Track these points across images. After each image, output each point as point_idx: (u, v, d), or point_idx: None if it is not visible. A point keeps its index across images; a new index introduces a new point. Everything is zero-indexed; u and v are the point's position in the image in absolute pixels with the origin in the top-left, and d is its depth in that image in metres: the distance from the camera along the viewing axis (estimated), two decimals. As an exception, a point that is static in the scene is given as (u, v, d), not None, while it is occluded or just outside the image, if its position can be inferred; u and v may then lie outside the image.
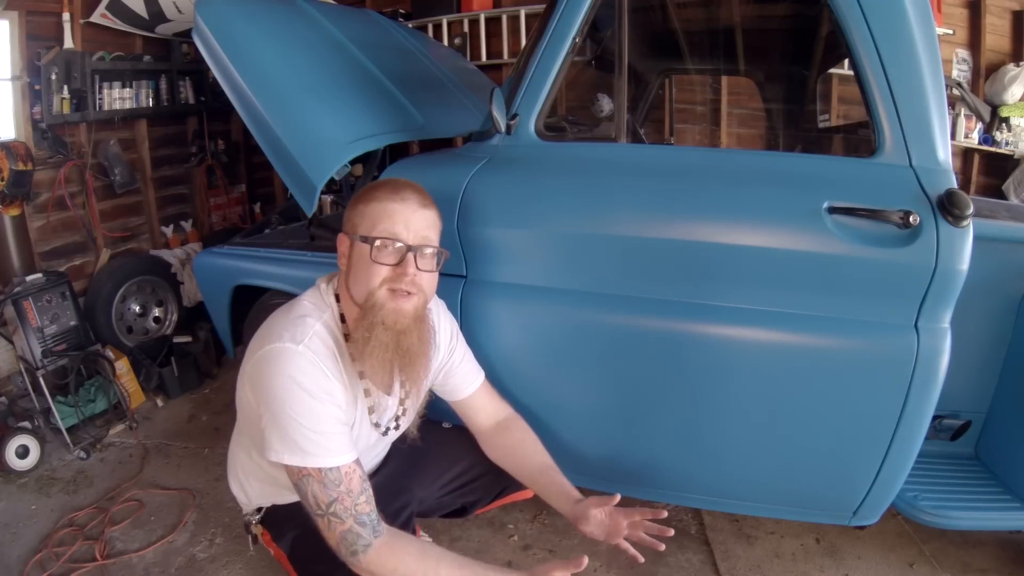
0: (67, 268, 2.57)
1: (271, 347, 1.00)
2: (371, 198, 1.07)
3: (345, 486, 0.98)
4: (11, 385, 2.28)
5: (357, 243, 1.06)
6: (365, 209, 1.07)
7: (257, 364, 1.02)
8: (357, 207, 1.09)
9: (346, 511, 0.97)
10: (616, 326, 1.30)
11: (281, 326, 1.03)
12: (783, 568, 1.52)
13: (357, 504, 0.98)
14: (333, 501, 0.97)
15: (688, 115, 3.03)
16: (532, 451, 1.26)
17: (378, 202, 1.06)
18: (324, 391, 1.00)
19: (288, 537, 1.18)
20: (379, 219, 1.04)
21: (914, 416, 1.17)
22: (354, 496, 0.98)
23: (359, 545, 0.96)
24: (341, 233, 1.11)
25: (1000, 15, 2.99)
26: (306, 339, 1.01)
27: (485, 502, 1.42)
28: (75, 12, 2.52)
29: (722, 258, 1.21)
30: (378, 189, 1.09)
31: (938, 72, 1.15)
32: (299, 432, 0.97)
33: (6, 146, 2.21)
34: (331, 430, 0.99)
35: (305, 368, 0.99)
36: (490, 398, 1.31)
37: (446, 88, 2.20)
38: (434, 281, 1.11)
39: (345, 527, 0.97)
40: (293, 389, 0.97)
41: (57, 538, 1.64)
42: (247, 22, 1.72)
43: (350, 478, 0.99)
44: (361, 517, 0.98)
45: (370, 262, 1.03)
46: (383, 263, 1.03)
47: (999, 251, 1.44)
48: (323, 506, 0.97)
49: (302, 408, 0.97)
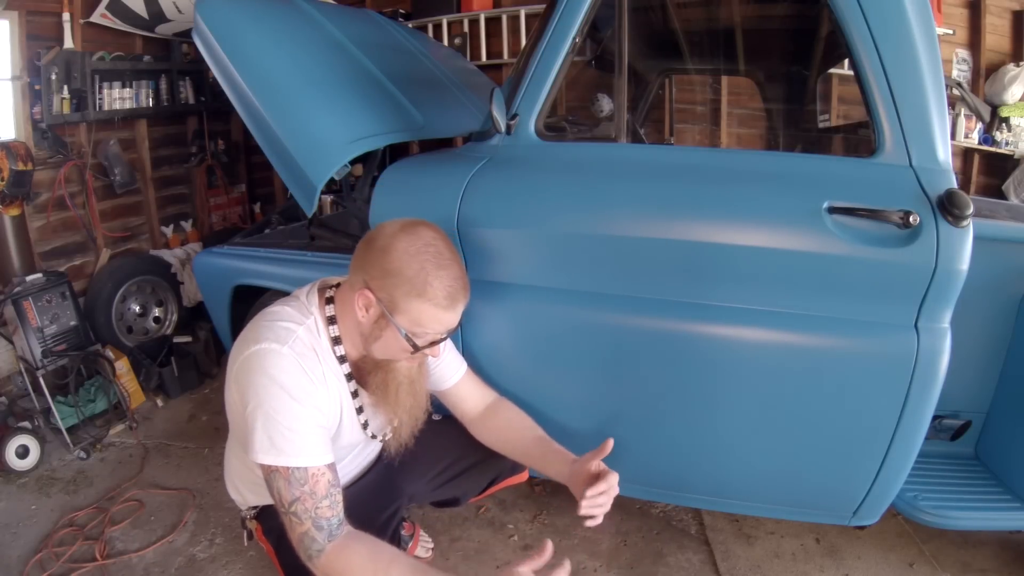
0: (67, 268, 2.57)
1: (255, 348, 1.00)
2: (423, 293, 1.00)
3: (309, 487, 0.97)
4: (11, 385, 2.28)
5: (392, 327, 1.02)
6: (414, 304, 1.00)
7: (241, 366, 1.02)
8: (401, 286, 1.00)
9: (305, 512, 0.97)
10: (616, 326, 1.30)
11: (263, 329, 1.03)
12: (783, 568, 1.52)
13: (319, 507, 0.97)
14: (295, 500, 0.97)
15: (688, 115, 3.03)
16: (523, 426, 1.26)
17: (432, 306, 1.01)
18: (304, 392, 1.00)
19: (275, 533, 1.18)
20: (428, 324, 1.03)
21: (914, 416, 1.17)
22: (316, 499, 0.97)
23: (313, 549, 0.96)
24: (365, 289, 1.03)
25: (1000, 15, 2.99)
26: (290, 341, 1.01)
27: (478, 490, 1.42)
28: (75, 12, 2.53)
29: (722, 258, 1.21)
30: (431, 284, 1.00)
31: (938, 72, 1.15)
32: (274, 429, 0.97)
33: (6, 146, 2.21)
34: (306, 430, 0.99)
35: (286, 367, 0.99)
36: (475, 386, 1.31)
37: (446, 88, 2.20)
38: None
39: (303, 528, 0.97)
40: (272, 387, 0.98)
41: (57, 538, 1.64)
42: (247, 22, 1.72)
43: (316, 480, 0.98)
44: (319, 521, 0.97)
45: (404, 350, 1.06)
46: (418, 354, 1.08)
47: (999, 251, 1.44)
48: (285, 504, 0.97)
49: (279, 405, 0.98)
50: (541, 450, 1.21)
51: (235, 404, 1.06)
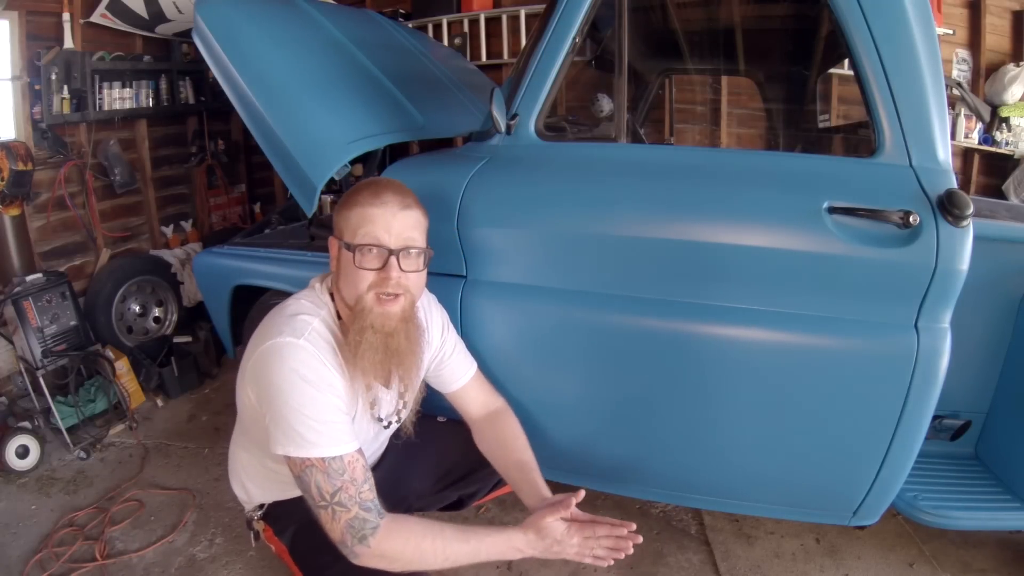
0: (67, 268, 2.57)
1: (272, 343, 1.01)
2: (353, 203, 1.07)
3: (349, 475, 0.98)
4: (11, 385, 2.28)
5: (343, 249, 1.07)
6: (348, 214, 1.07)
7: (258, 360, 1.02)
8: (341, 212, 1.09)
9: (351, 499, 0.97)
10: (616, 326, 1.30)
11: (280, 323, 1.04)
12: (783, 568, 1.52)
13: (361, 492, 0.98)
14: (337, 490, 0.97)
15: (688, 115, 3.03)
16: (513, 446, 1.26)
17: (359, 207, 1.06)
18: (325, 382, 1.01)
19: (289, 531, 1.19)
20: (360, 224, 1.05)
21: (914, 416, 1.17)
22: (358, 484, 0.99)
23: (367, 529, 0.97)
24: (331, 236, 1.11)
25: (1000, 15, 2.99)
26: (306, 333, 1.02)
27: (482, 494, 1.43)
28: (75, 12, 2.52)
29: (722, 258, 1.21)
30: (359, 193, 1.09)
31: (938, 72, 1.15)
32: (302, 423, 0.97)
33: (6, 146, 2.21)
34: (334, 419, 1.00)
35: (306, 360, 1.00)
36: (482, 389, 1.32)
37: (446, 88, 2.20)
38: (421, 280, 1.12)
39: (351, 515, 0.97)
40: (295, 381, 0.98)
41: (57, 538, 1.64)
42: (247, 22, 1.72)
43: (353, 467, 0.99)
44: (366, 503, 0.98)
45: (355, 268, 1.05)
46: (367, 268, 1.05)
47: (999, 251, 1.44)
48: (327, 496, 0.97)
49: (304, 399, 0.98)
50: (519, 475, 1.22)
51: (249, 399, 1.07)
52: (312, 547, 1.03)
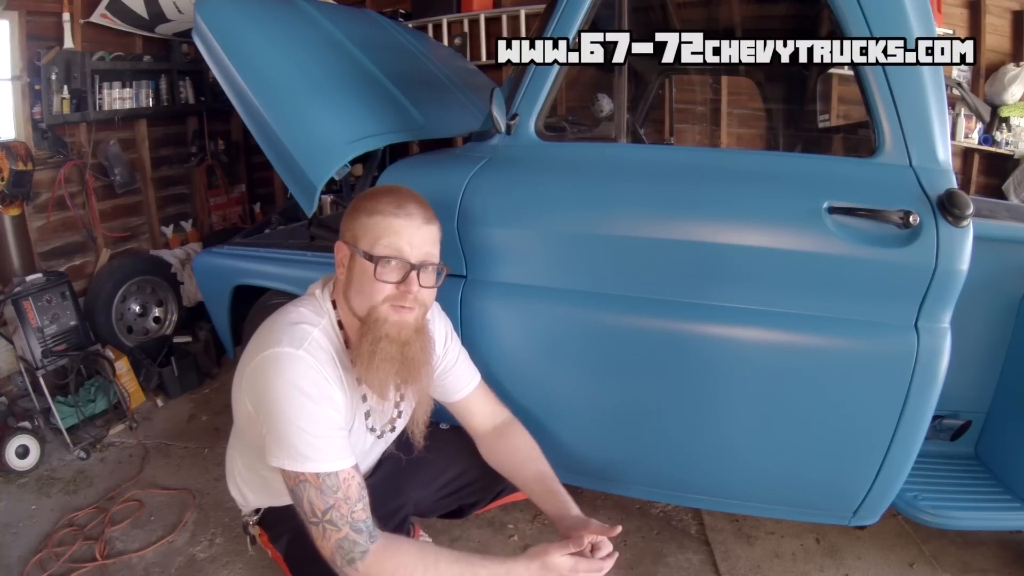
0: (67, 268, 2.57)
1: (271, 352, 0.98)
2: (374, 210, 1.04)
3: (343, 492, 0.96)
4: (11, 385, 2.28)
5: (359, 257, 1.03)
6: (368, 222, 1.03)
7: (256, 369, 1.00)
8: (359, 218, 1.05)
9: (342, 518, 0.95)
10: (616, 326, 1.30)
11: (279, 331, 1.01)
12: (783, 568, 1.52)
13: (354, 511, 0.96)
14: (330, 508, 0.94)
15: (688, 115, 3.03)
16: (528, 457, 1.23)
17: (382, 216, 1.03)
18: (324, 395, 0.98)
19: (284, 539, 1.17)
20: (382, 235, 1.02)
21: (914, 416, 1.17)
22: (351, 503, 0.96)
23: (356, 552, 0.94)
24: (339, 241, 1.08)
25: (1000, 15, 2.99)
26: (305, 344, 0.99)
27: (483, 503, 1.40)
28: (75, 12, 2.52)
29: (722, 258, 1.21)
30: (381, 201, 1.05)
31: (938, 72, 1.15)
32: (298, 437, 0.95)
33: (6, 146, 2.21)
34: (331, 434, 0.98)
35: (305, 373, 0.97)
36: (486, 401, 1.29)
37: (446, 88, 2.20)
38: (434, 294, 1.10)
39: (341, 535, 0.94)
40: (293, 393, 0.96)
41: (57, 538, 1.64)
42: (247, 22, 1.72)
43: (348, 484, 0.97)
44: (357, 524, 0.95)
45: (372, 279, 1.01)
46: (386, 281, 1.02)
47: (999, 251, 1.44)
48: (319, 513, 0.95)
49: (301, 412, 0.96)
50: (541, 487, 1.18)
51: (244, 406, 1.04)
52: (306, 557, 1.00)
